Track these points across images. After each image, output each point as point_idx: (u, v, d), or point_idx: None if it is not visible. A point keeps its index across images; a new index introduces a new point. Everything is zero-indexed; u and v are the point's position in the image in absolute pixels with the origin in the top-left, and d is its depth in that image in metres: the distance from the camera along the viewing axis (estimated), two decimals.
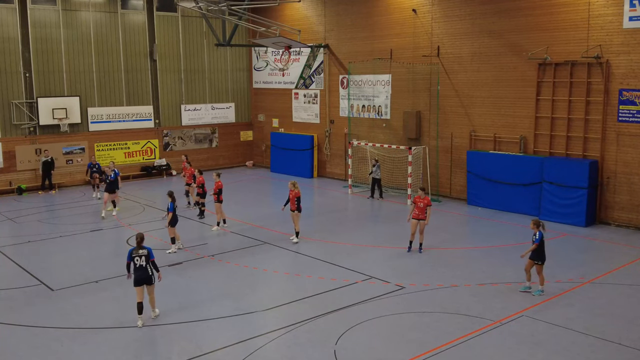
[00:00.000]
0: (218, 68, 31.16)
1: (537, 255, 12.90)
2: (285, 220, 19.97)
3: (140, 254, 11.59)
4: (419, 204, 15.95)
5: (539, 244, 12.78)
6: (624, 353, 10.43)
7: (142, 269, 11.55)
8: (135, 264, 11.60)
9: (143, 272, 11.56)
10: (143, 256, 11.58)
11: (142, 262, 11.55)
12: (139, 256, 11.59)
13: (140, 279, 11.56)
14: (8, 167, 25.43)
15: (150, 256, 11.65)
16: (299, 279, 14.47)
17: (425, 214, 15.92)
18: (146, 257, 11.60)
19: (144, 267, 11.55)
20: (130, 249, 11.89)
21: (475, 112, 22.14)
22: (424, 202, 15.93)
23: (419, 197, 16.06)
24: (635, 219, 18.48)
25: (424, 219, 15.94)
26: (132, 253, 11.64)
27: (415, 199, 16.14)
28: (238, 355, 10.47)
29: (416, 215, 15.99)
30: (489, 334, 11.18)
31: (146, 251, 11.62)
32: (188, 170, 22.23)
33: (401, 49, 24.28)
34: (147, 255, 11.61)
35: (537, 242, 12.76)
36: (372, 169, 23.33)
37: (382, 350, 10.59)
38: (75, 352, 10.73)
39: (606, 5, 18.39)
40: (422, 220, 15.98)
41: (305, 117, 29.37)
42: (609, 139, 18.86)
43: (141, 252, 11.60)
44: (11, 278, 14.81)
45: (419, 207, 15.91)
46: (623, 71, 18.30)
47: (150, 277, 11.63)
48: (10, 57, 25.22)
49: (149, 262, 11.61)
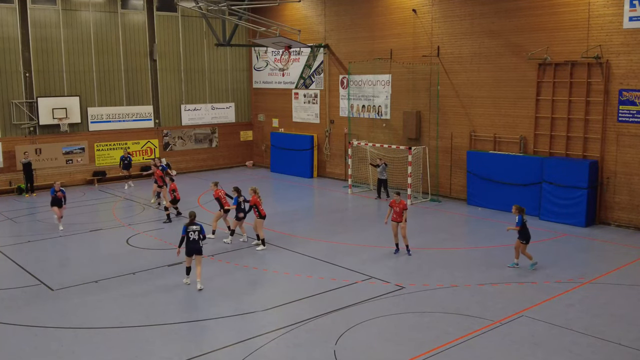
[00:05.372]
0: (218, 68, 31.16)
1: (522, 235, 14.82)
2: (286, 221, 19.99)
3: (194, 229, 13.43)
4: (395, 208, 15.94)
5: (520, 227, 14.69)
6: (624, 353, 10.43)
7: (194, 242, 13.43)
8: (189, 237, 13.39)
9: (195, 244, 13.44)
10: (196, 231, 13.44)
11: (195, 236, 13.40)
12: (192, 231, 13.40)
13: (193, 250, 13.46)
14: (8, 167, 25.43)
15: (202, 231, 13.52)
16: (299, 279, 14.47)
17: (402, 217, 15.92)
18: (199, 232, 13.45)
19: (196, 240, 13.43)
20: (185, 224, 13.54)
21: (475, 112, 22.15)
22: (399, 206, 15.91)
23: (394, 201, 16.02)
24: (635, 219, 18.48)
25: (401, 221, 15.94)
26: (187, 228, 13.41)
27: (391, 204, 16.10)
28: (238, 355, 10.47)
29: (395, 218, 16.01)
30: (489, 334, 11.18)
31: (199, 227, 13.51)
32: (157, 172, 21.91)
33: (401, 49, 24.28)
34: (200, 230, 13.48)
35: (518, 225, 14.70)
36: (379, 169, 23.27)
37: (382, 350, 10.60)
38: (75, 352, 10.73)
39: (606, 5, 18.39)
40: (400, 223, 15.95)
41: (305, 117, 29.37)
42: (608, 139, 18.86)
43: (194, 227, 13.45)
44: (11, 278, 14.80)
45: (396, 211, 15.93)
46: (623, 71, 18.30)
47: (200, 248, 13.52)
48: (10, 57, 25.21)
49: (200, 236, 13.44)
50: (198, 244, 13.50)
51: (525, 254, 14.87)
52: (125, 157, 26.52)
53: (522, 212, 14.82)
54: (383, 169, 23.15)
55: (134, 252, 16.92)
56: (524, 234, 14.83)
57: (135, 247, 17.35)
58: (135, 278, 14.63)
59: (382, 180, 23.34)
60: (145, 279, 14.58)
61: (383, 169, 23.15)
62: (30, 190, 25.05)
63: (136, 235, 18.59)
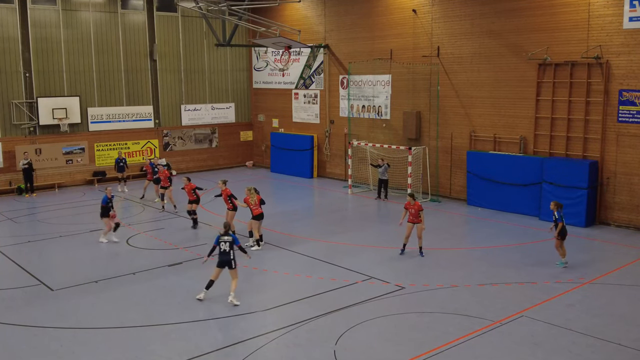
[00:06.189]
0: (218, 68, 31.17)
1: (560, 231, 14.84)
2: (285, 221, 19.98)
3: (226, 239, 12.86)
4: (410, 210, 15.88)
5: (561, 222, 14.73)
6: (624, 353, 10.43)
7: (225, 253, 12.84)
8: (220, 249, 12.88)
9: (226, 255, 12.83)
10: (228, 242, 12.85)
11: (226, 247, 12.83)
12: (224, 242, 12.86)
13: (223, 261, 12.88)
14: (8, 167, 25.42)
15: (235, 242, 12.95)
16: (299, 279, 14.47)
17: (419, 218, 15.87)
18: (230, 243, 12.86)
19: (227, 252, 12.83)
20: (217, 234, 13.03)
21: (475, 113, 22.15)
22: (415, 208, 15.85)
23: (409, 203, 15.96)
24: (635, 219, 18.48)
25: (419, 222, 15.91)
26: (219, 238, 12.92)
27: (407, 205, 16.03)
28: (238, 355, 10.48)
29: (411, 220, 15.93)
30: (489, 334, 11.18)
31: (231, 238, 12.93)
32: (163, 172, 21.87)
33: (401, 49, 24.29)
34: (232, 241, 12.90)
35: (559, 221, 14.73)
36: (380, 170, 23.25)
37: (382, 350, 10.60)
38: (75, 352, 10.73)
39: (606, 5, 18.39)
40: (418, 224, 15.89)
41: (305, 117, 29.38)
42: (608, 140, 18.86)
43: (226, 238, 12.89)
44: (11, 278, 14.81)
45: (412, 213, 15.87)
46: (623, 72, 18.30)
47: (231, 261, 12.83)
48: (10, 57, 25.22)
49: (232, 247, 12.87)
50: (229, 256, 12.82)
51: (559, 250, 14.97)
52: (121, 159, 25.38)
53: (560, 208, 14.90)
54: (385, 170, 23.14)
55: (134, 252, 16.92)
56: (562, 230, 14.88)
57: (135, 247, 17.35)
58: (135, 278, 14.64)
59: (382, 181, 23.33)
60: (145, 279, 14.59)
61: (385, 170, 23.14)
62: (30, 190, 25.04)
63: (136, 235, 18.60)
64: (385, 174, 23.22)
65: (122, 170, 25.43)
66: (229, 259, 12.83)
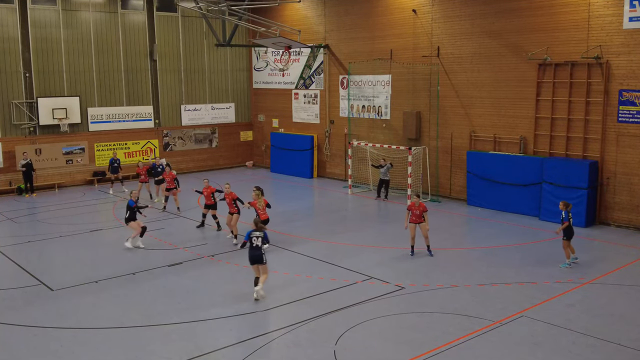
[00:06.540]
0: (218, 68, 31.17)
1: (567, 231, 14.84)
2: (286, 221, 19.98)
3: (257, 235, 13.08)
4: (414, 210, 15.82)
5: (567, 222, 14.73)
6: (624, 353, 10.43)
7: (256, 248, 13.03)
8: (252, 244, 13.05)
9: (257, 250, 13.02)
10: (259, 237, 13.07)
11: (257, 242, 13.03)
12: (255, 237, 13.06)
13: (253, 257, 13.06)
14: (8, 167, 25.42)
15: (265, 237, 13.17)
16: (299, 279, 14.46)
17: (422, 219, 15.83)
18: (262, 238, 13.07)
19: (258, 247, 13.01)
20: (249, 230, 13.25)
21: (475, 113, 22.15)
22: (419, 209, 15.78)
23: (414, 204, 15.91)
24: (635, 220, 18.48)
25: (422, 222, 15.85)
26: (251, 234, 13.13)
27: (410, 206, 15.97)
28: (238, 355, 10.48)
29: (414, 220, 15.88)
30: (489, 334, 11.18)
31: (262, 233, 13.15)
32: (169, 174, 21.64)
33: (401, 49, 24.29)
34: (263, 237, 13.10)
35: (566, 221, 14.73)
36: (382, 170, 23.22)
37: (382, 350, 10.60)
38: (75, 352, 10.73)
39: (606, 5, 18.39)
40: (421, 224, 15.82)
41: (305, 118, 29.38)
42: (608, 140, 18.86)
43: (257, 233, 13.09)
44: (11, 278, 14.81)
45: (415, 213, 15.83)
46: (623, 72, 18.30)
47: (262, 255, 12.99)
48: (10, 57, 25.21)
49: (264, 243, 13.10)
50: (259, 251, 12.99)
51: (565, 250, 14.98)
52: (115, 160, 25.27)
53: (569, 207, 14.90)
54: (387, 170, 23.12)
55: (134, 252, 16.92)
56: (569, 230, 14.88)
57: (136, 247, 17.34)
58: (135, 278, 14.64)
59: (383, 181, 23.31)
60: (145, 279, 14.59)
61: (387, 170, 23.12)
62: (30, 190, 25.03)
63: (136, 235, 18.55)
64: (387, 174, 23.20)
65: (115, 171, 25.27)
66: (260, 253, 13.04)
